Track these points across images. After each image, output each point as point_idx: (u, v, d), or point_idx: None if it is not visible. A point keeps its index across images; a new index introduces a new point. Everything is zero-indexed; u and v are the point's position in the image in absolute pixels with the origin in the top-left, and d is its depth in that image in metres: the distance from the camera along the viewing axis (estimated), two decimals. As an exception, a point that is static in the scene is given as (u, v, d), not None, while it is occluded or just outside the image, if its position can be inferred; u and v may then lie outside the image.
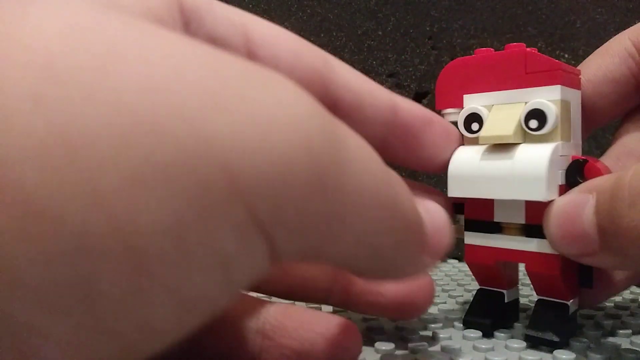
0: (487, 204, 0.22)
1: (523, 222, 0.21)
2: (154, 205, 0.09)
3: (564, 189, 0.20)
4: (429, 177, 0.42)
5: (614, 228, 0.17)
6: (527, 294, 0.29)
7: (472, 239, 0.23)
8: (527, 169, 0.20)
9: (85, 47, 0.09)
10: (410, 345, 0.21)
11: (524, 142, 0.21)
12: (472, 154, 0.21)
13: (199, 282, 0.10)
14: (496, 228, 0.22)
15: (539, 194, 0.19)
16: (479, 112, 0.22)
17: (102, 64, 0.09)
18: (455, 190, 0.22)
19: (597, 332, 0.23)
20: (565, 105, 0.21)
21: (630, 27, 0.24)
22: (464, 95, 0.23)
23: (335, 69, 0.19)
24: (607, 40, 0.25)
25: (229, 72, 0.10)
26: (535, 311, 0.22)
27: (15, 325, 0.09)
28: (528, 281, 0.23)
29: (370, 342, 0.21)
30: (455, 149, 0.22)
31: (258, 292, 0.22)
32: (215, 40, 0.16)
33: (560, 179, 0.20)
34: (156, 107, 0.09)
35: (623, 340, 0.22)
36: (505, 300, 0.23)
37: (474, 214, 0.23)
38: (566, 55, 0.46)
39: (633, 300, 0.29)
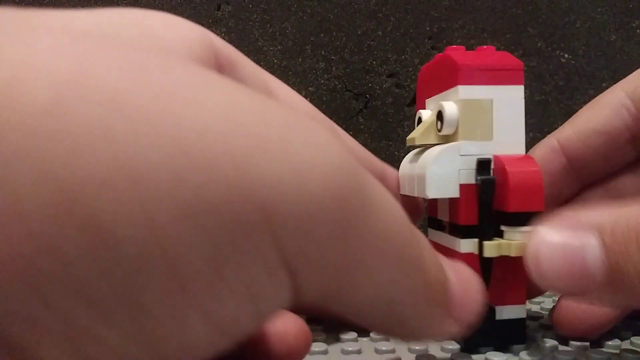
0: (434, 201, 0.23)
1: (447, 219, 0.22)
2: (200, 238, 0.10)
3: (473, 188, 0.20)
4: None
5: (635, 271, 0.17)
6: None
7: (431, 235, 0.24)
8: (421, 169, 0.21)
9: (150, 86, 0.10)
10: (409, 346, 0.21)
11: (440, 143, 0.22)
12: (410, 155, 0.24)
13: (231, 309, 0.11)
14: (440, 225, 0.23)
15: (427, 192, 0.21)
16: (421, 117, 0.24)
17: (165, 103, 0.10)
18: (401, 188, 0.24)
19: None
20: (471, 105, 0.21)
21: (623, 80, 0.23)
22: (426, 100, 0.25)
23: (341, 135, 0.22)
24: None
25: (273, 117, 0.11)
26: None
27: (76, 330, 0.10)
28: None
29: (371, 343, 0.22)
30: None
31: None
32: None
33: (465, 178, 0.20)
34: (210, 148, 0.10)
35: (623, 341, 0.22)
36: None
37: (430, 210, 0.24)
38: (566, 55, 0.46)
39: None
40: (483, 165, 0.20)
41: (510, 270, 0.20)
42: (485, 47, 0.23)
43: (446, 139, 0.21)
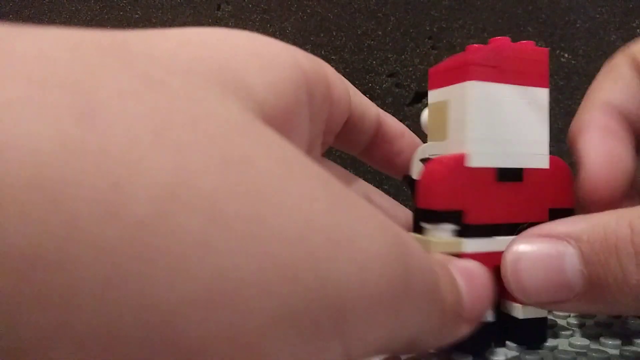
0: None
1: None
2: (279, 346, 0.10)
3: None
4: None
5: (614, 282, 0.17)
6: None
7: None
8: None
9: (243, 189, 0.10)
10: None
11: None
12: None
13: None
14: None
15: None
16: None
17: (258, 210, 0.10)
18: None
19: (597, 331, 0.23)
20: (434, 107, 0.22)
21: (622, 52, 0.23)
22: None
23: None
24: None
25: (346, 215, 0.12)
26: None
27: None
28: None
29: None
30: None
31: None
32: (356, 109, 0.20)
33: None
34: (294, 257, 0.10)
35: (623, 343, 0.22)
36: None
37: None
38: (566, 55, 0.46)
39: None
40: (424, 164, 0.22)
41: None
42: (498, 37, 0.23)
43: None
